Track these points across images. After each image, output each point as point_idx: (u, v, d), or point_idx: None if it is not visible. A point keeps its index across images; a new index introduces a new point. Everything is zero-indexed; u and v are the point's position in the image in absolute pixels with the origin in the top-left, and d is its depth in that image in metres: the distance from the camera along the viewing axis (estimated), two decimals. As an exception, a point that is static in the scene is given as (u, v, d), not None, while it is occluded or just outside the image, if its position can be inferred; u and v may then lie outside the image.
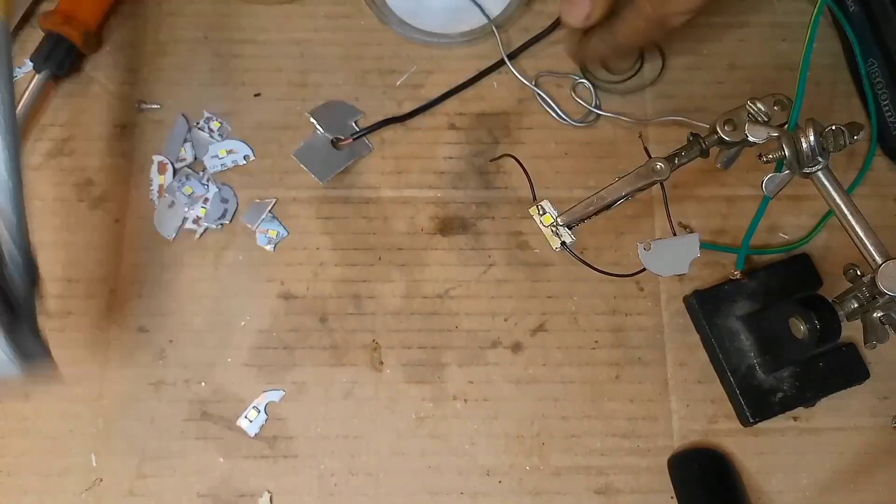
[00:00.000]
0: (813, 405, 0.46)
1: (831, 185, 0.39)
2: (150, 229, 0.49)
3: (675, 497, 0.46)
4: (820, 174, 0.39)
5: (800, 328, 0.41)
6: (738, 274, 0.46)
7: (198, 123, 0.50)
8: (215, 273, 0.48)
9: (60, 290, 0.47)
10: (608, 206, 0.38)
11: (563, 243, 0.39)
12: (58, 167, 0.50)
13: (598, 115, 0.50)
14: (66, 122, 0.51)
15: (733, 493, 0.45)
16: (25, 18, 0.51)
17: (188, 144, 0.50)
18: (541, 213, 0.39)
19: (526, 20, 0.52)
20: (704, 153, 0.39)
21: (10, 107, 0.36)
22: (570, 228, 0.39)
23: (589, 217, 0.38)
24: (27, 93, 0.49)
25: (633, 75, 0.51)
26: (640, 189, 0.38)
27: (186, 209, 0.49)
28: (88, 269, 0.48)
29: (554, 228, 0.39)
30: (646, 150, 0.39)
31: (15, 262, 0.36)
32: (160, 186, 0.49)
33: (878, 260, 0.38)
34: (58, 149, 0.50)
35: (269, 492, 0.46)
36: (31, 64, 0.50)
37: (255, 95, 0.51)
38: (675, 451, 0.46)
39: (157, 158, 0.50)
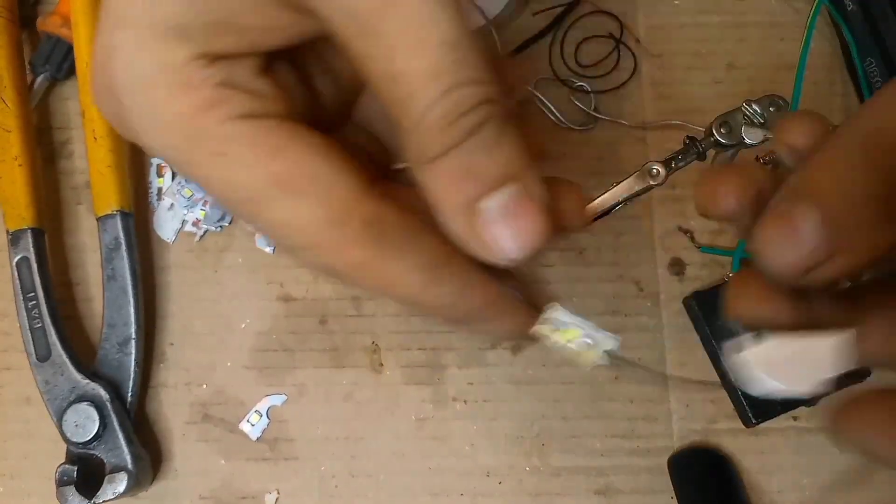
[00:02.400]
0: (814, 405, 0.46)
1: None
2: (149, 232, 0.49)
3: (675, 497, 0.46)
4: (818, 175, 0.39)
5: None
6: (732, 276, 0.46)
7: (197, 126, 0.50)
8: (215, 275, 0.48)
9: (60, 294, 0.47)
10: (606, 213, 0.38)
11: (608, 351, 0.27)
12: (56, 170, 0.50)
13: (597, 118, 0.50)
14: (64, 124, 0.51)
15: (733, 493, 0.45)
16: (24, 21, 0.51)
17: (187, 147, 0.50)
18: (556, 327, 0.28)
19: (524, 21, 0.52)
20: (701, 156, 0.39)
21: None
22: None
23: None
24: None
25: None
26: (638, 194, 0.38)
27: (186, 212, 0.49)
28: (87, 273, 0.49)
29: (585, 341, 0.28)
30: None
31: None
32: (159, 189, 0.49)
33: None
34: (56, 151, 0.50)
35: (277, 491, 0.46)
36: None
37: (254, 98, 0.51)
38: (675, 452, 0.46)
39: (156, 161, 0.50)
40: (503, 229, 0.25)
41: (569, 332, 0.27)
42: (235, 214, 0.26)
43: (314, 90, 0.30)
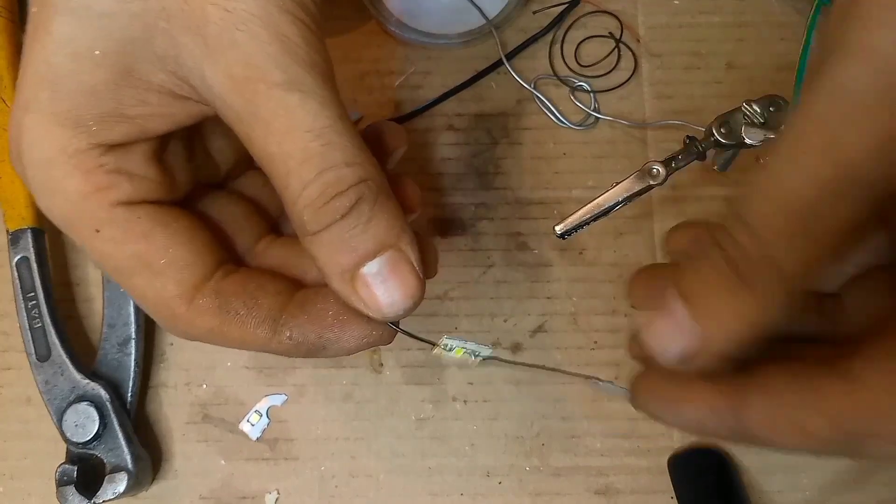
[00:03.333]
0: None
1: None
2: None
3: (675, 497, 0.46)
4: (818, 175, 0.39)
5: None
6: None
7: (197, 126, 0.51)
8: (215, 276, 0.48)
9: (60, 294, 0.47)
10: (606, 213, 0.38)
11: (485, 357, 0.35)
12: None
13: (597, 118, 0.50)
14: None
15: (733, 493, 0.45)
16: (25, 21, 0.51)
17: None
18: (448, 349, 0.35)
19: (524, 21, 0.52)
20: (701, 156, 0.39)
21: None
22: (566, 237, 0.39)
23: (587, 224, 0.38)
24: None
25: None
26: (638, 194, 0.38)
27: (186, 212, 0.49)
28: (87, 273, 0.48)
29: (470, 352, 0.35)
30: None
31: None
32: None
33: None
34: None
35: (277, 491, 0.46)
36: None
37: (254, 98, 0.51)
38: (675, 452, 0.46)
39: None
40: (381, 291, 0.29)
41: (457, 350, 0.34)
42: (111, 278, 0.32)
43: (209, 155, 0.35)
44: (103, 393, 0.44)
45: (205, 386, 0.47)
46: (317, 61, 0.28)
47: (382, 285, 0.29)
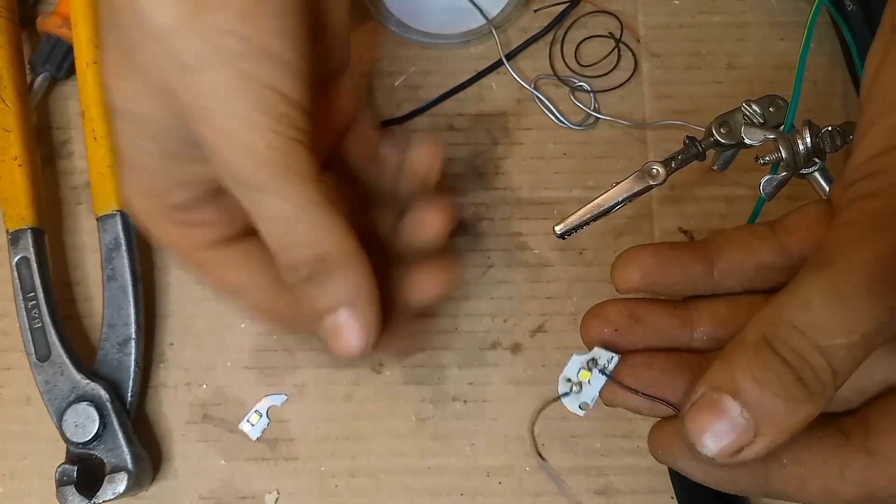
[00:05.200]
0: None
1: (829, 185, 0.39)
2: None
3: (675, 497, 0.46)
4: (817, 174, 0.39)
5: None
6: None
7: (197, 126, 0.51)
8: (215, 276, 0.48)
9: (60, 294, 0.47)
10: (605, 213, 0.38)
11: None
12: (56, 170, 0.50)
13: (597, 118, 0.50)
14: (64, 125, 0.51)
15: (733, 493, 0.45)
16: (24, 21, 0.51)
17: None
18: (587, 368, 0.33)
19: (524, 21, 0.52)
20: (701, 156, 0.39)
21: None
22: (566, 237, 0.39)
23: (587, 224, 0.38)
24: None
25: None
26: (638, 194, 0.38)
27: (186, 212, 0.49)
28: (87, 273, 0.49)
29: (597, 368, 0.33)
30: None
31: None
32: (159, 189, 0.50)
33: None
34: (56, 151, 0.50)
35: (277, 491, 0.46)
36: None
37: (254, 98, 0.51)
38: (674, 451, 0.46)
39: (156, 161, 0.50)
40: (334, 340, 0.35)
41: (583, 373, 0.33)
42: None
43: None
44: (103, 393, 0.44)
45: (205, 386, 0.47)
46: (290, 165, 0.33)
47: (336, 335, 0.35)
